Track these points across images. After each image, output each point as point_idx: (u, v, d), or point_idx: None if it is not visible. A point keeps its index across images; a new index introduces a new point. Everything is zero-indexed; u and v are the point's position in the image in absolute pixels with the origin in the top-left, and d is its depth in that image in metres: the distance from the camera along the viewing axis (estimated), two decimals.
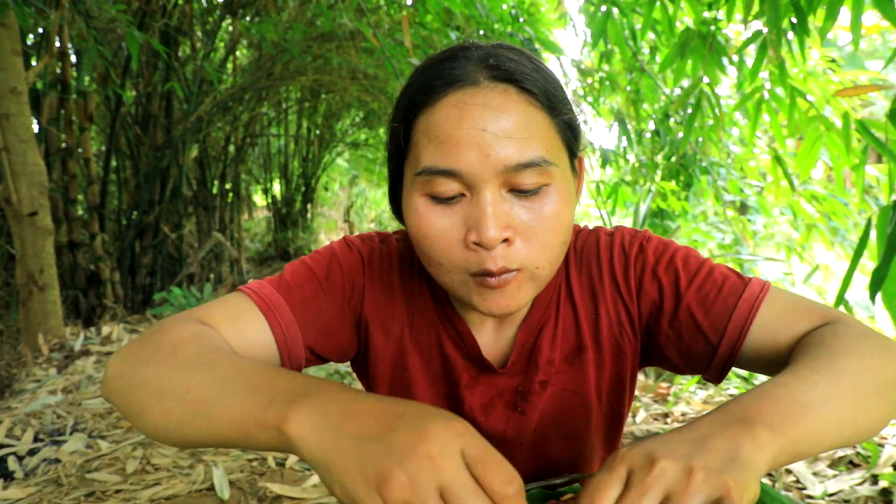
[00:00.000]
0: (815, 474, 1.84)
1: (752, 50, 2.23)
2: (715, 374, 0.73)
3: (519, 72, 0.63)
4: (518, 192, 0.62)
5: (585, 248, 0.80)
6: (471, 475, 0.44)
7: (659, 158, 3.85)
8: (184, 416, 0.54)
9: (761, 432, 0.47)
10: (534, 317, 0.77)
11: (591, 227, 0.84)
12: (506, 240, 0.62)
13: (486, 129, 0.60)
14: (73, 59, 3.71)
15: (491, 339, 0.79)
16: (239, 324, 0.68)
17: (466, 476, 0.43)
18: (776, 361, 0.68)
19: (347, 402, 0.48)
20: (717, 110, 2.70)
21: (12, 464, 2.07)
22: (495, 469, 0.44)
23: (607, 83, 3.96)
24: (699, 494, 0.42)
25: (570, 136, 0.68)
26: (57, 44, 3.44)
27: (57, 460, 2.09)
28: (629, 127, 3.88)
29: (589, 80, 4.17)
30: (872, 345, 0.61)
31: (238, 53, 5.54)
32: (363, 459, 0.44)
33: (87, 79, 4.03)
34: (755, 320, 0.68)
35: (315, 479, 1.92)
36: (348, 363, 0.86)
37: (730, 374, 2.69)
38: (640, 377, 2.76)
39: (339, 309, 0.76)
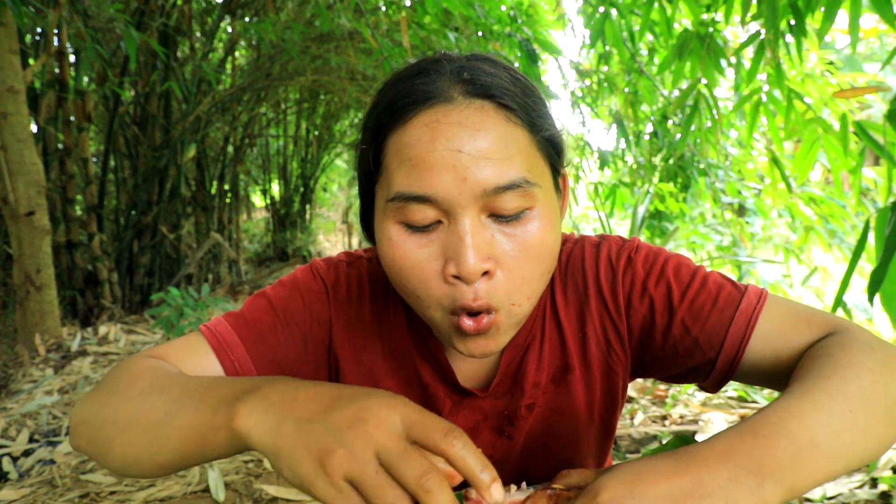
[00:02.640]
0: None
1: (750, 52, 2.23)
2: (713, 385, 0.71)
3: (496, 86, 0.59)
4: (499, 217, 0.58)
5: (571, 261, 0.76)
6: (407, 440, 0.47)
7: (657, 160, 3.85)
8: (144, 442, 0.56)
9: (768, 488, 0.46)
10: (519, 337, 0.73)
11: (577, 235, 0.80)
12: (486, 272, 0.58)
13: (462, 149, 0.56)
14: (71, 58, 3.70)
15: (474, 363, 0.75)
16: (190, 361, 0.68)
17: (402, 441, 0.46)
18: (777, 374, 0.65)
19: (289, 390, 0.52)
20: (714, 112, 2.70)
21: (7, 464, 2.06)
22: (433, 426, 0.47)
23: (605, 84, 3.96)
24: None
25: (553, 152, 0.64)
26: (55, 43, 3.44)
27: (52, 461, 2.09)
28: (627, 128, 3.88)
29: (587, 82, 4.18)
30: (880, 358, 0.57)
31: (237, 53, 5.54)
32: (306, 439, 0.47)
33: (85, 78, 4.03)
34: (754, 333, 0.65)
35: None
36: None
37: None
38: (639, 380, 2.75)
39: (300, 341, 0.73)
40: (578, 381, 0.75)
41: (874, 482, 1.77)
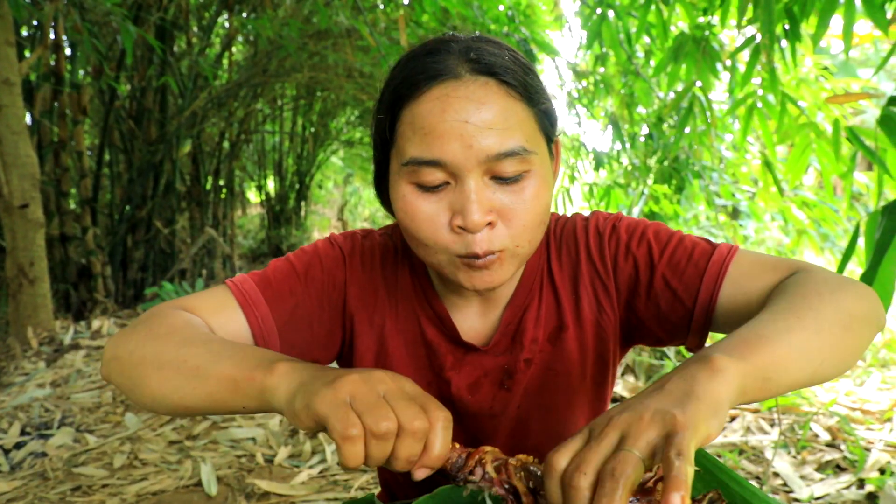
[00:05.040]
0: (802, 478, 1.85)
1: (745, 56, 2.25)
2: (695, 341, 0.77)
3: (499, 65, 0.67)
4: (499, 178, 0.66)
5: (564, 232, 0.84)
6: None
7: (652, 162, 3.86)
8: (180, 381, 0.62)
9: (719, 360, 0.50)
10: (518, 299, 0.81)
11: (569, 214, 0.88)
12: (489, 223, 0.66)
13: (469, 120, 0.64)
14: (67, 51, 3.69)
15: (476, 321, 0.82)
16: (220, 316, 0.74)
17: (405, 393, 0.56)
18: (749, 317, 0.70)
19: (315, 366, 0.60)
20: (709, 115, 2.72)
21: None
22: (431, 400, 0.56)
23: (602, 86, 3.98)
24: (649, 433, 0.45)
25: (548, 123, 0.72)
26: (51, 36, 3.43)
27: (44, 454, 2.08)
28: (623, 130, 3.89)
29: (584, 83, 4.19)
30: (833, 284, 0.64)
31: (234, 49, 5.52)
32: (327, 376, 0.55)
33: (81, 72, 4.01)
34: (725, 279, 0.72)
35: (303, 476, 1.92)
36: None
37: None
38: (630, 379, 2.77)
39: (318, 304, 0.80)
40: (572, 340, 0.81)
41: (861, 483, 1.79)
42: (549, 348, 0.82)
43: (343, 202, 10.65)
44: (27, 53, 3.57)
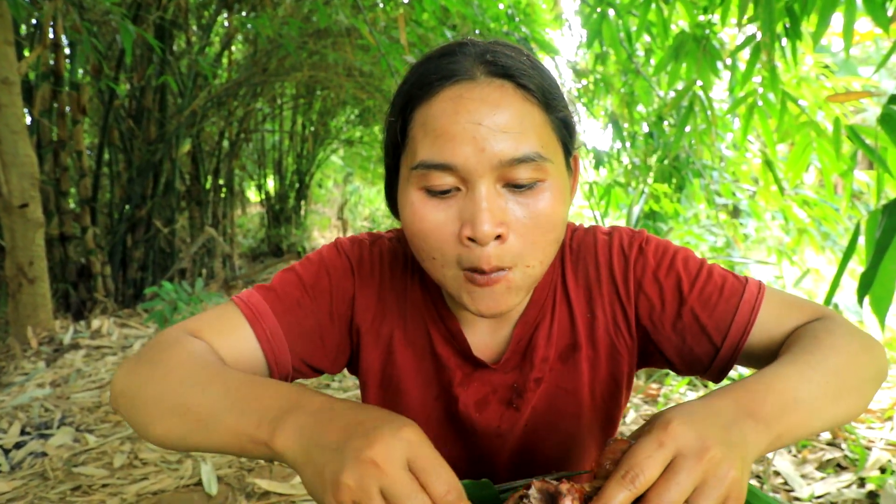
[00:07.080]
0: (802, 476, 1.85)
1: (746, 55, 2.24)
2: (715, 374, 0.75)
3: (516, 68, 0.63)
4: (513, 186, 0.62)
5: (582, 247, 0.80)
6: (414, 479, 0.49)
7: (652, 161, 3.86)
8: (185, 430, 0.60)
9: (762, 431, 0.54)
10: (530, 314, 0.77)
11: (586, 225, 0.84)
12: (499, 236, 0.62)
13: (482, 123, 0.60)
14: (66, 50, 3.68)
15: (486, 337, 0.79)
16: (228, 335, 0.71)
17: (408, 480, 0.48)
18: (770, 356, 0.71)
19: (322, 412, 0.54)
20: (709, 114, 2.71)
21: None
22: (438, 477, 0.49)
23: (602, 84, 3.97)
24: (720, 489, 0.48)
25: (566, 133, 0.68)
26: (50, 35, 3.42)
27: (44, 454, 2.08)
28: (623, 128, 3.89)
29: (584, 82, 4.18)
30: (858, 342, 0.67)
31: (233, 48, 5.52)
32: (323, 469, 0.50)
33: (80, 71, 4.00)
34: (756, 321, 0.71)
35: None
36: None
37: None
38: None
39: (326, 314, 0.77)
40: (584, 360, 0.79)
41: (862, 482, 1.78)
42: (560, 367, 0.79)
43: (343, 201, 10.64)
44: (26, 53, 3.56)
